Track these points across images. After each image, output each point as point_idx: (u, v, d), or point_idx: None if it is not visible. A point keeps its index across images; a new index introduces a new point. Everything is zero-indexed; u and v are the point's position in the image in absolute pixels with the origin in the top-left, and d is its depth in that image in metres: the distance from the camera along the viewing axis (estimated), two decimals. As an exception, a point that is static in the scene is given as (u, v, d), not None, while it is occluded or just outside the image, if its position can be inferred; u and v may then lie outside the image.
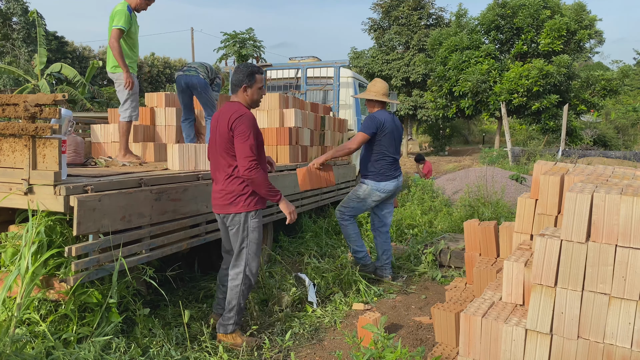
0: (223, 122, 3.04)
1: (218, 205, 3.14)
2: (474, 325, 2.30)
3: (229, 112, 3.06)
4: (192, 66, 5.04)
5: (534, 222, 2.88)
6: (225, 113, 3.08)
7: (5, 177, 2.74)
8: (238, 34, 17.41)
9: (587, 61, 28.55)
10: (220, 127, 3.06)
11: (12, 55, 26.09)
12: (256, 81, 3.16)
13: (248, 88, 3.15)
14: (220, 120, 3.08)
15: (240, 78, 3.14)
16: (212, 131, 3.17)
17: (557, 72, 17.66)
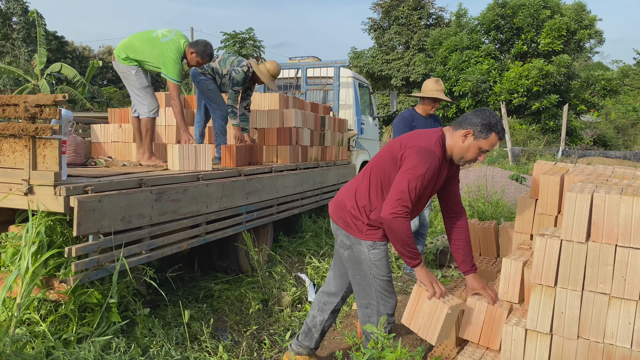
0: (397, 144, 2.42)
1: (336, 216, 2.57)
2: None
3: (417, 138, 2.40)
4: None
5: (534, 222, 2.89)
6: (413, 137, 2.42)
7: (5, 178, 2.74)
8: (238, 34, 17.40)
9: (587, 61, 28.54)
10: (394, 145, 2.45)
11: (12, 55, 26.09)
12: (488, 140, 2.36)
13: (470, 137, 2.37)
14: (401, 141, 2.43)
15: (472, 121, 2.37)
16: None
17: (557, 72, 17.68)
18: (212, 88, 4.75)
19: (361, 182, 2.51)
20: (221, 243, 4.19)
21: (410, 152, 2.32)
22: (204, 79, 4.71)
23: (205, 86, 4.72)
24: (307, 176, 5.49)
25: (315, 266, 4.44)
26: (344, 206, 2.52)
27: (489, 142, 2.36)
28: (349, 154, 7.51)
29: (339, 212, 2.55)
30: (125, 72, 4.16)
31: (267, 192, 4.49)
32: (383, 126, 29.32)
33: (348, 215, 2.49)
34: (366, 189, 2.47)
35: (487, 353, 2.45)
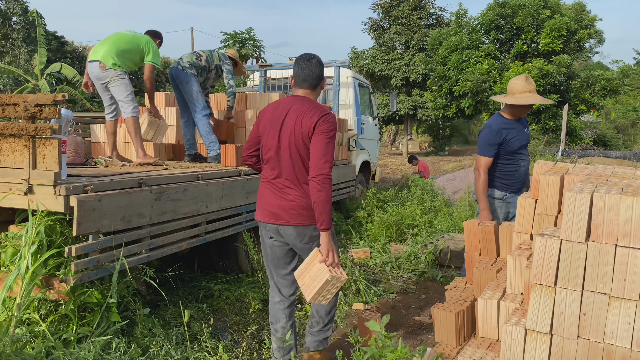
0: (305, 121, 2.52)
1: (292, 216, 2.60)
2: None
3: (308, 107, 2.56)
4: (181, 57, 4.99)
5: (534, 222, 2.88)
6: (302, 109, 2.56)
7: (5, 177, 2.74)
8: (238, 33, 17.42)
9: (587, 61, 28.55)
10: (300, 126, 2.53)
11: (12, 55, 26.09)
12: (324, 79, 2.75)
13: (319, 87, 2.70)
14: (293, 117, 2.55)
15: (316, 73, 2.64)
16: (270, 128, 2.62)
17: (557, 72, 17.67)
18: (197, 89, 4.86)
19: (296, 180, 2.60)
20: (221, 243, 4.19)
21: (324, 121, 2.52)
22: (192, 80, 4.83)
23: (190, 87, 4.83)
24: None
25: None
26: (301, 205, 2.59)
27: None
28: (349, 154, 7.51)
29: (301, 213, 2.60)
30: (116, 77, 4.28)
31: (267, 192, 4.48)
32: (383, 126, 29.38)
33: (307, 211, 2.59)
34: (302, 181, 2.59)
35: (487, 353, 2.45)
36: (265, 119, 2.66)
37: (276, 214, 2.62)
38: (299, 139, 2.53)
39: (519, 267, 2.60)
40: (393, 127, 33.29)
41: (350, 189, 7.13)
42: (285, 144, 2.56)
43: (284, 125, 2.57)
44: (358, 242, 5.78)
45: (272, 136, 2.60)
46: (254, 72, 8.65)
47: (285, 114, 2.58)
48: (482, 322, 2.70)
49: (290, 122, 2.55)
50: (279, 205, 2.61)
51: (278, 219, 2.62)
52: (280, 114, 2.60)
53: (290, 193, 2.59)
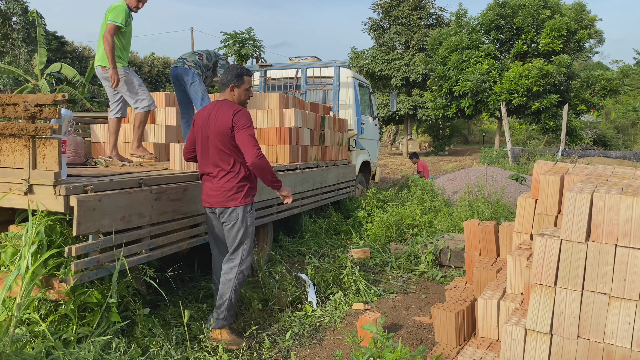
0: (221, 119, 3.09)
1: (214, 201, 3.16)
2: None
3: (224, 108, 3.14)
4: (182, 57, 5.00)
5: (534, 222, 2.89)
6: (219, 110, 3.14)
7: (5, 177, 2.74)
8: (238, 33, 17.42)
9: (587, 61, 28.55)
10: (217, 124, 3.10)
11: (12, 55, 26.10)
12: (244, 82, 3.25)
13: (235, 88, 3.24)
14: (214, 118, 3.13)
15: (228, 78, 3.23)
16: (200, 129, 3.19)
17: (557, 72, 17.67)
18: (204, 89, 4.93)
19: (216, 166, 3.15)
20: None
21: (239, 118, 3.08)
22: (199, 80, 4.88)
23: (197, 87, 4.86)
24: (307, 176, 5.49)
25: (315, 266, 4.44)
26: (223, 189, 3.14)
27: (247, 82, 3.27)
28: (349, 154, 7.51)
29: (221, 195, 3.15)
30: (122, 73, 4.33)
31: (267, 191, 4.48)
32: (383, 126, 29.36)
33: (230, 193, 3.14)
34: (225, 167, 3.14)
35: (487, 353, 2.46)
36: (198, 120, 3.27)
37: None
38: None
39: (519, 267, 2.60)
40: (393, 127, 33.30)
41: (350, 189, 7.13)
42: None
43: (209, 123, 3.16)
44: (358, 242, 5.78)
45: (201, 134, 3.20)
46: (253, 72, 8.65)
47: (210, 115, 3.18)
48: (482, 322, 2.70)
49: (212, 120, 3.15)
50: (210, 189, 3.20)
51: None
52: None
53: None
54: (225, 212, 3.14)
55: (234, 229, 3.15)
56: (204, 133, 3.17)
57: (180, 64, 4.88)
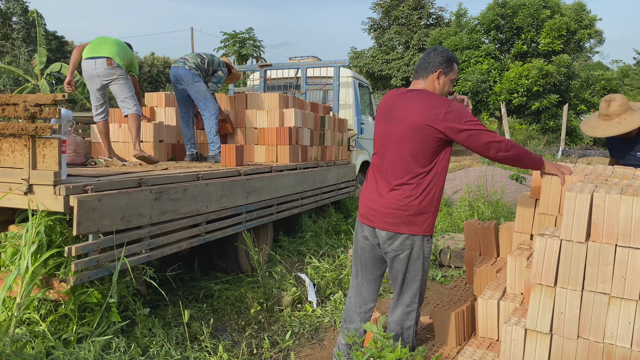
0: (417, 115, 2.30)
1: (384, 222, 2.40)
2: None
3: (425, 102, 2.33)
4: (183, 58, 5.02)
5: (534, 222, 2.88)
6: (418, 103, 2.34)
7: (5, 177, 2.74)
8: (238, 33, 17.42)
9: (587, 61, 28.55)
10: (412, 120, 2.30)
11: (12, 55, 26.10)
12: (452, 71, 2.45)
13: (442, 76, 2.42)
14: (410, 111, 2.33)
15: (437, 61, 2.41)
16: (390, 121, 2.40)
17: (557, 71, 17.68)
18: (206, 89, 4.95)
19: (402, 178, 2.35)
20: (221, 243, 4.19)
21: (452, 114, 2.26)
22: (200, 80, 4.89)
23: (199, 87, 4.89)
24: (307, 176, 5.49)
25: (315, 266, 4.44)
26: (400, 207, 2.36)
27: (455, 72, 2.47)
28: (349, 154, 7.51)
29: (395, 216, 2.37)
30: (122, 75, 4.40)
31: (267, 191, 4.49)
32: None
33: (410, 215, 2.35)
34: (412, 182, 2.35)
35: (487, 353, 2.46)
36: (381, 108, 2.49)
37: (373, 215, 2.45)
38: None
39: (519, 267, 2.60)
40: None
41: (350, 189, 7.13)
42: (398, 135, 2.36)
43: (398, 116, 2.37)
44: (358, 242, 5.77)
45: (385, 127, 2.42)
46: (254, 72, 8.65)
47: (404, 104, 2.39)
48: (482, 322, 2.70)
49: (403, 114, 2.35)
50: (380, 204, 2.41)
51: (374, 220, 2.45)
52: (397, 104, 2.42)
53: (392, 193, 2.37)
54: (397, 237, 2.38)
55: (408, 260, 2.41)
56: (395, 127, 2.37)
57: (181, 64, 4.89)
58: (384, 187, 2.40)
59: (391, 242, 2.40)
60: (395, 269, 2.46)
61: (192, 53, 5.11)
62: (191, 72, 4.83)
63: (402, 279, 2.46)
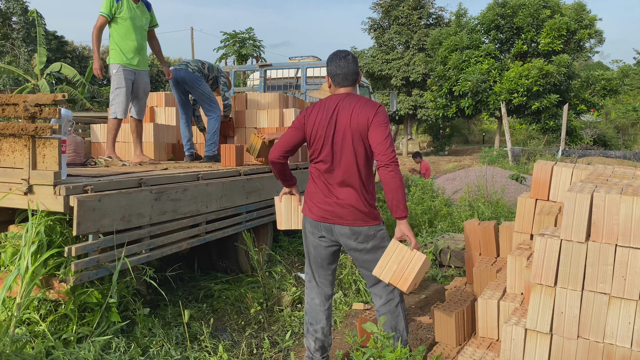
0: (358, 116, 2.45)
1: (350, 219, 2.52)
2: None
3: (360, 103, 2.50)
4: (184, 61, 5.05)
5: (534, 222, 2.88)
6: (354, 105, 2.49)
7: (5, 177, 2.74)
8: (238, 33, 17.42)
9: (587, 61, 28.54)
10: (354, 122, 2.45)
11: (11, 55, 26.10)
12: (360, 74, 2.71)
13: (359, 79, 2.65)
14: (350, 115, 2.47)
15: (356, 69, 2.58)
16: (324, 128, 2.52)
17: (557, 71, 17.68)
18: (209, 90, 5.03)
19: (352, 176, 2.52)
20: (221, 243, 4.19)
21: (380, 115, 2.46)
22: (203, 82, 4.96)
23: (204, 89, 4.95)
24: (307, 176, 5.48)
25: (315, 266, 4.44)
26: (356, 205, 2.52)
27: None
28: (349, 154, 7.49)
29: (352, 214, 2.52)
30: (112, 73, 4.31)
31: (267, 191, 4.48)
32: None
33: (367, 209, 2.53)
34: (363, 178, 2.54)
35: (487, 353, 2.46)
36: (314, 118, 2.58)
37: (332, 212, 2.56)
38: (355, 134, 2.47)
39: (519, 267, 2.60)
40: (393, 127, 33.26)
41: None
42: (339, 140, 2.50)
43: (337, 122, 2.50)
44: (358, 242, 5.78)
45: (325, 134, 2.53)
46: (254, 72, 8.65)
47: (337, 111, 2.51)
48: (482, 322, 2.70)
49: (344, 119, 2.48)
50: (335, 203, 2.55)
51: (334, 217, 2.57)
52: (329, 111, 2.53)
53: (346, 192, 2.53)
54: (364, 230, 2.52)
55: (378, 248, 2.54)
56: (338, 133, 2.50)
57: (183, 66, 4.92)
58: (336, 187, 2.55)
59: (356, 237, 2.53)
60: (366, 260, 2.57)
61: (194, 59, 5.17)
62: (195, 75, 4.89)
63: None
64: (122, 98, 4.27)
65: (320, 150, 2.58)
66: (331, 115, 2.52)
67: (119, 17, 4.22)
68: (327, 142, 2.53)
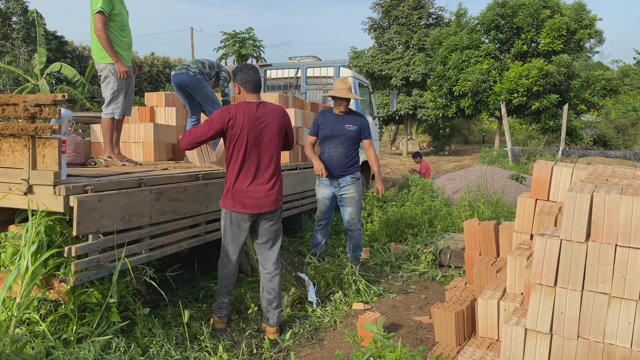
0: (276, 121, 3.26)
1: (270, 203, 3.27)
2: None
3: (277, 111, 3.31)
4: (185, 64, 5.04)
5: (534, 222, 2.89)
6: (273, 112, 3.28)
7: (5, 177, 2.74)
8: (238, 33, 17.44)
9: (587, 61, 28.55)
10: (272, 126, 3.24)
11: (11, 55, 26.11)
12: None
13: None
14: (269, 119, 3.24)
15: (260, 79, 3.35)
16: (248, 130, 3.16)
17: (557, 71, 17.68)
18: (211, 92, 5.01)
19: (270, 169, 3.28)
20: (221, 243, 4.18)
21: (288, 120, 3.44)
22: (205, 84, 4.95)
23: (206, 90, 4.94)
24: (307, 176, 5.49)
25: (315, 266, 4.44)
26: (278, 192, 3.34)
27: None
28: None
29: (278, 199, 3.35)
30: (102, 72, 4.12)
31: (267, 191, 4.48)
32: (383, 126, 29.35)
33: (279, 194, 3.37)
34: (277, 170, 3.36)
35: (487, 353, 2.46)
36: (240, 120, 3.17)
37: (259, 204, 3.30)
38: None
39: (519, 267, 2.60)
40: (393, 127, 33.29)
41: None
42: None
43: (264, 124, 3.22)
44: (358, 242, 5.77)
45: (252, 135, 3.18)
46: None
47: (262, 114, 3.23)
48: (482, 322, 2.70)
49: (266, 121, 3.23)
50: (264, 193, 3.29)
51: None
52: (257, 114, 3.22)
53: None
54: (277, 212, 3.36)
55: (277, 225, 3.39)
56: (256, 134, 3.19)
57: (184, 70, 4.90)
58: (258, 181, 3.24)
59: (271, 216, 3.34)
60: (274, 231, 3.40)
61: (192, 60, 5.15)
62: (196, 77, 4.89)
63: (275, 236, 3.40)
64: (121, 98, 4.21)
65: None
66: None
67: (113, 13, 4.03)
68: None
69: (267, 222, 3.34)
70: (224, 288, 3.38)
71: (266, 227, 3.34)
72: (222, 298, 3.39)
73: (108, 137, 4.32)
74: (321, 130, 4.68)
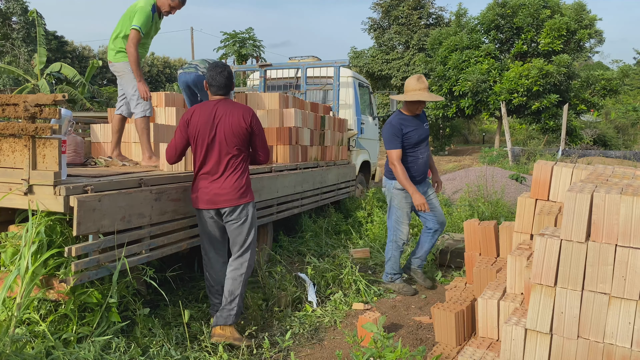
0: (236, 119, 3.18)
1: (223, 200, 3.17)
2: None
3: (239, 109, 3.23)
4: (192, 63, 5.02)
5: (534, 222, 2.89)
6: (234, 111, 3.21)
7: (5, 177, 2.74)
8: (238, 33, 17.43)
9: (587, 61, 28.54)
10: (232, 124, 3.16)
11: (11, 55, 26.11)
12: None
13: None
14: (224, 118, 3.17)
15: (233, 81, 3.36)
16: (202, 129, 3.15)
17: (557, 71, 17.68)
18: None
19: (224, 164, 3.20)
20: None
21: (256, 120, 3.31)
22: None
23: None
24: (307, 176, 5.49)
25: (315, 266, 4.44)
26: (235, 190, 3.21)
27: None
28: (349, 154, 7.51)
29: (232, 194, 3.21)
30: (120, 70, 4.10)
31: (267, 191, 4.49)
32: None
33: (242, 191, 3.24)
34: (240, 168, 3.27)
35: (487, 353, 2.46)
36: (196, 119, 3.19)
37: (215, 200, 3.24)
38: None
39: (519, 267, 2.60)
40: (393, 127, 33.24)
41: (350, 189, 7.13)
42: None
43: (218, 121, 3.17)
44: (358, 242, 5.78)
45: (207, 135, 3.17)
46: (254, 72, 8.65)
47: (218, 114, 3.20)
48: (482, 322, 2.70)
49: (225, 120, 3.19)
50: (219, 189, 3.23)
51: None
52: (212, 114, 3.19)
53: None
54: (236, 210, 3.20)
55: (245, 225, 3.24)
56: (209, 133, 3.16)
57: (192, 69, 4.87)
58: (213, 177, 3.18)
59: (232, 216, 3.21)
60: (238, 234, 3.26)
61: (199, 59, 5.10)
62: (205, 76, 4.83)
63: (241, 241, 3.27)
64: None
65: None
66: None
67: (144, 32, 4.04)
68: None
69: (232, 224, 3.22)
70: (211, 288, 3.38)
71: (231, 229, 3.25)
72: (213, 299, 3.38)
73: (146, 137, 4.20)
74: (408, 139, 4.17)
